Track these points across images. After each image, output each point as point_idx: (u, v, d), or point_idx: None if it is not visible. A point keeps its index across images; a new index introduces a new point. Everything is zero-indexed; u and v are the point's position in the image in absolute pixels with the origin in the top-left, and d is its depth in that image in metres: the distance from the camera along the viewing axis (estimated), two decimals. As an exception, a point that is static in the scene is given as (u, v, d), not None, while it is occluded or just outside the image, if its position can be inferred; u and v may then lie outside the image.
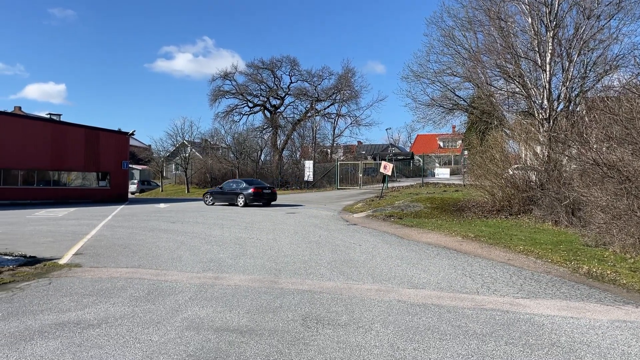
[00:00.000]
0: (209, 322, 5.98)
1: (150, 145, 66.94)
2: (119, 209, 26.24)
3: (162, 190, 51.39)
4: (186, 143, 53.44)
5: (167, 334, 5.53)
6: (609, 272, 8.65)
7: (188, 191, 47.76)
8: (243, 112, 57.87)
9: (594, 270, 8.87)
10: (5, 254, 10.71)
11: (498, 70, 21.94)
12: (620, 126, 11.22)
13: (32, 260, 10.13)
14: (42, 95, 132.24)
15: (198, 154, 54.83)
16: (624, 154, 11.08)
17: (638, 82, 12.98)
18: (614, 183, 10.88)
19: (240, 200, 25.95)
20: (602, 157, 11.48)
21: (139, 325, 5.84)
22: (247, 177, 39.46)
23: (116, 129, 39.79)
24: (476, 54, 22.83)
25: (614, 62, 19.83)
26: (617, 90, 14.70)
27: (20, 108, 59.20)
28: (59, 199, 32.12)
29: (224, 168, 48.73)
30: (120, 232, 15.08)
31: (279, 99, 57.87)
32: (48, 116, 51.78)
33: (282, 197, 34.66)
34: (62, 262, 10.08)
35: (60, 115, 53.99)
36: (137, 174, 54.09)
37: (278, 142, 56.02)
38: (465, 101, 27.17)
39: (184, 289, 7.73)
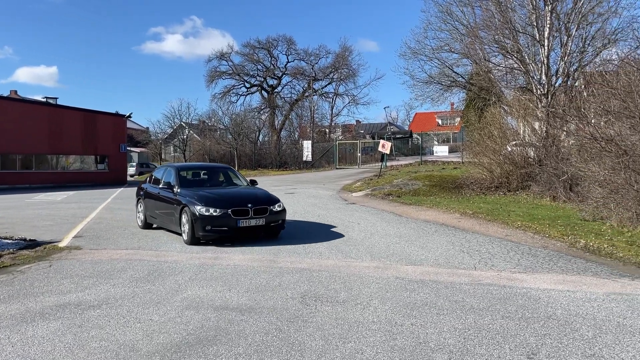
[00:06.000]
0: (208, 301, 6.03)
1: (148, 128, 66.68)
2: (118, 191, 26.27)
3: (161, 173, 51.41)
4: (184, 125, 53.28)
5: (167, 313, 5.58)
6: (605, 245, 8.70)
7: (187, 173, 47.74)
8: (240, 93, 57.34)
9: (591, 244, 8.92)
10: (5, 238, 10.75)
11: (496, 46, 21.75)
12: (618, 100, 11.17)
13: (32, 244, 10.17)
14: (33, 79, 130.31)
15: (196, 136, 54.65)
16: (622, 128, 11.07)
17: (636, 56, 12.89)
18: (612, 157, 10.88)
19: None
20: (600, 131, 11.45)
21: (139, 305, 5.90)
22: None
23: (113, 111, 39.60)
24: (474, 29, 22.60)
25: (613, 36, 19.65)
26: (615, 64, 14.60)
27: (16, 92, 58.76)
28: (57, 183, 32.02)
29: (222, 149, 48.62)
30: (120, 215, 15.11)
31: (276, 78, 57.35)
32: (44, 100, 51.39)
33: (280, 177, 34.66)
34: (62, 244, 10.13)
35: (56, 98, 53.41)
36: (135, 157, 53.98)
37: (276, 122, 55.68)
38: (464, 78, 26.99)
39: (184, 269, 7.78)
